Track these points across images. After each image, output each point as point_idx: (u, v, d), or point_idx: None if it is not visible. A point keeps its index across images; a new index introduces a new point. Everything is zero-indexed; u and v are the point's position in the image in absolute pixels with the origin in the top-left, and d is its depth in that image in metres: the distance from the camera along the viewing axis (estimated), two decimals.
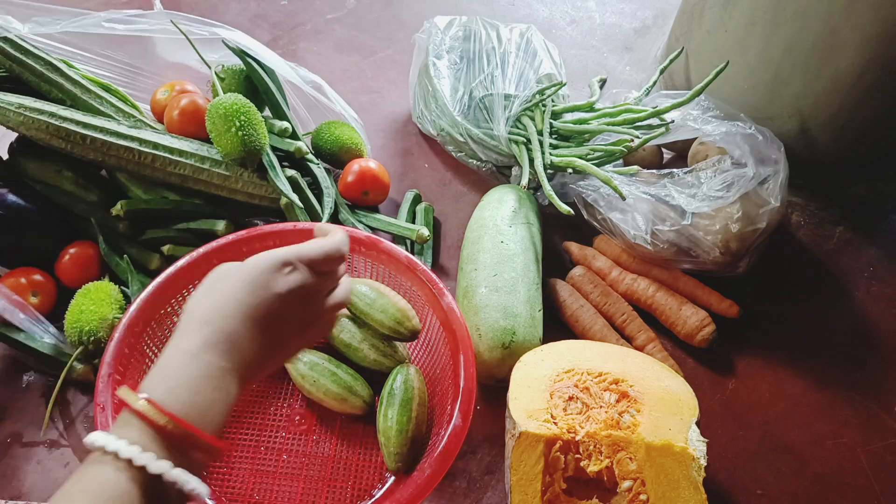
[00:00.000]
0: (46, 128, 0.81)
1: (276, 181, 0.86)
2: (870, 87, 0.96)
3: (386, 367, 0.75)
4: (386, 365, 0.75)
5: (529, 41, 1.07)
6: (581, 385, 0.69)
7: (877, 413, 0.83)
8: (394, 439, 0.68)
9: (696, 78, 1.13)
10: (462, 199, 1.04)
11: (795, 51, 0.96)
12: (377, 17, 1.38)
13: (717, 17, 1.05)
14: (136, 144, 0.84)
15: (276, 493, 0.70)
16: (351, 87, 1.21)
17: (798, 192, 1.07)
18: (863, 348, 0.89)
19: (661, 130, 0.92)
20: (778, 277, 0.96)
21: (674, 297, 0.87)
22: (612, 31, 1.38)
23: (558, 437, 0.65)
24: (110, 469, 0.40)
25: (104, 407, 0.60)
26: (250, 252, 0.76)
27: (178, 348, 0.46)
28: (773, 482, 0.76)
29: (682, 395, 0.68)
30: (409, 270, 0.74)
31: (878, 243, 1.02)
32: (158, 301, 0.70)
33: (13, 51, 0.83)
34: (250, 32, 0.95)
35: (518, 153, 0.96)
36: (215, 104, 0.83)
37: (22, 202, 0.83)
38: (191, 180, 0.86)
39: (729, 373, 0.86)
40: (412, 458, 0.69)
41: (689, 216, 0.83)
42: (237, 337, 0.47)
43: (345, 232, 0.57)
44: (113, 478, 0.39)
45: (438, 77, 1.03)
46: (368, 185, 0.94)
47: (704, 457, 0.64)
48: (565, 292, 0.89)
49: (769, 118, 1.04)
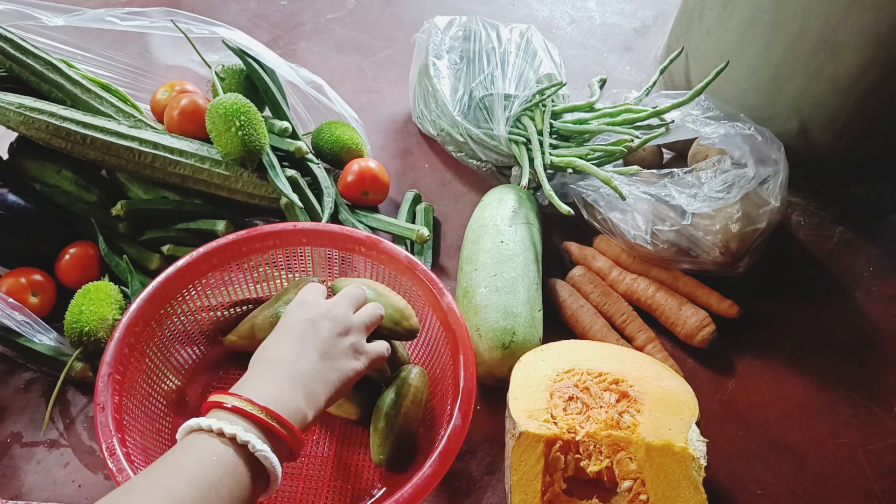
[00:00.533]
0: (47, 127, 0.81)
1: (276, 181, 0.86)
2: (870, 87, 0.96)
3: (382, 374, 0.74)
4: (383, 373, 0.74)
5: (529, 41, 1.07)
6: (581, 385, 0.69)
7: (877, 413, 0.83)
8: (379, 431, 0.68)
9: (696, 78, 1.13)
10: (462, 199, 1.04)
11: (795, 51, 0.96)
12: (377, 17, 1.38)
13: (717, 17, 1.05)
14: (136, 144, 0.84)
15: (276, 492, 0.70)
16: (351, 87, 1.21)
17: (798, 192, 1.07)
18: (863, 348, 0.89)
19: (661, 130, 0.93)
20: (778, 277, 0.96)
21: (674, 297, 0.87)
22: (612, 31, 1.38)
23: (558, 437, 0.65)
24: (215, 441, 0.47)
25: (104, 407, 0.60)
26: (250, 252, 0.77)
27: (245, 377, 0.56)
28: (773, 482, 0.76)
29: (682, 395, 0.68)
30: (409, 270, 0.74)
31: (878, 243, 1.02)
32: (158, 301, 0.70)
33: (13, 51, 0.83)
34: (250, 32, 0.95)
35: (518, 153, 0.96)
36: (215, 104, 0.83)
37: (22, 202, 0.83)
38: (191, 180, 0.86)
39: (729, 373, 0.86)
40: (397, 455, 0.69)
41: (689, 216, 0.83)
42: (283, 357, 0.57)
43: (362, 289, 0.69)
44: (219, 448, 0.46)
45: (438, 77, 1.03)
46: (368, 185, 0.94)
47: (704, 457, 0.64)
48: (565, 292, 0.89)
49: (769, 118, 1.04)
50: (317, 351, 0.58)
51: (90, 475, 0.72)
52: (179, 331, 0.75)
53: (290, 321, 0.61)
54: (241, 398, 0.50)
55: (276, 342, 0.59)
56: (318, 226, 0.79)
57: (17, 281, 0.80)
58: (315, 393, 0.55)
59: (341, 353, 0.60)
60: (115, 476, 0.56)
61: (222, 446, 0.46)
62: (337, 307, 0.63)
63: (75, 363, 0.76)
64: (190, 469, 0.45)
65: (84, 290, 0.79)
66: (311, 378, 0.56)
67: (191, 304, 0.75)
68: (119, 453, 0.58)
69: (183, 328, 0.76)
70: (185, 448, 0.47)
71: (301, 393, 0.54)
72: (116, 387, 0.62)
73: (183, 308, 0.75)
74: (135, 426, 0.64)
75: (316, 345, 0.58)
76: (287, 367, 0.55)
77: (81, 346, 0.75)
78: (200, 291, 0.76)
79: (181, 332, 0.76)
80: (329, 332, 0.60)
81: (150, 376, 0.70)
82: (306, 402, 0.54)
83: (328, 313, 0.62)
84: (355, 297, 0.66)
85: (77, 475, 0.72)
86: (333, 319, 0.61)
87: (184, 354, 0.77)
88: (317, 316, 0.61)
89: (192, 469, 0.45)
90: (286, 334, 0.60)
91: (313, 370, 0.56)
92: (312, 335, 0.59)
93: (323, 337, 0.59)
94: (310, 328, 0.60)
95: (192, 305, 0.76)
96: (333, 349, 0.59)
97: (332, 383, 0.57)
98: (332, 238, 0.78)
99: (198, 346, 0.79)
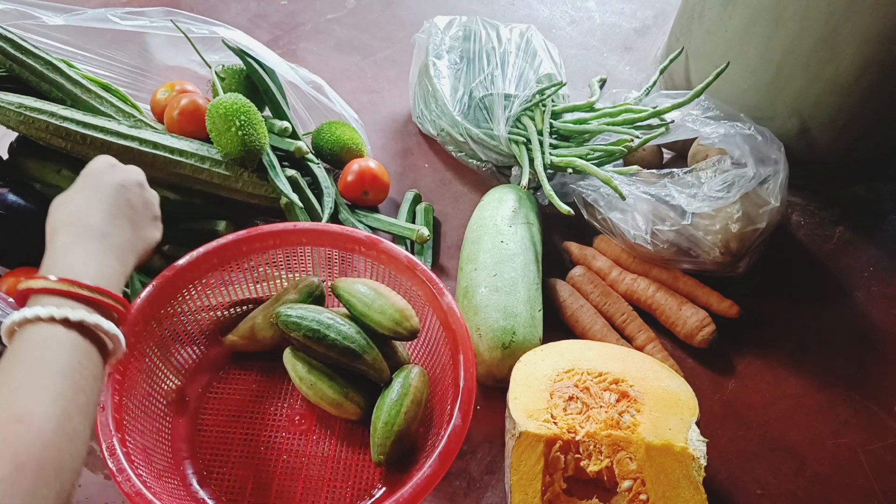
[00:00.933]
0: (47, 127, 0.81)
1: (276, 181, 0.86)
2: (870, 87, 0.96)
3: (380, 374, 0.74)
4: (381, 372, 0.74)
5: (529, 41, 1.07)
6: (581, 385, 0.69)
7: (877, 413, 0.83)
8: (379, 430, 0.68)
9: (696, 78, 1.13)
10: (462, 199, 1.04)
11: (795, 51, 0.96)
12: (377, 17, 1.38)
13: (717, 17, 1.05)
14: (136, 144, 0.84)
15: (276, 492, 0.70)
16: (351, 87, 1.21)
17: (798, 192, 1.07)
18: (863, 348, 0.89)
19: (661, 130, 0.93)
20: (778, 277, 0.96)
21: (674, 297, 0.87)
22: (612, 31, 1.38)
23: (558, 437, 0.65)
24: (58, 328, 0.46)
25: (104, 406, 0.60)
26: (250, 252, 0.77)
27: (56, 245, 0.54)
28: (773, 482, 0.76)
29: (682, 395, 0.68)
30: (408, 270, 0.74)
31: (878, 243, 1.02)
32: (158, 301, 0.70)
33: (13, 50, 0.83)
34: (250, 32, 0.95)
35: (518, 153, 0.96)
36: (216, 104, 0.83)
37: (22, 202, 0.83)
38: (191, 180, 0.86)
39: (729, 373, 0.86)
40: (397, 454, 0.69)
41: (689, 216, 0.83)
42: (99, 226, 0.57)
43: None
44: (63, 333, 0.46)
45: (438, 77, 1.03)
46: (368, 185, 0.94)
47: (704, 457, 0.64)
48: (565, 292, 0.89)
49: (769, 118, 1.04)
50: (128, 220, 0.59)
51: (90, 475, 0.72)
52: (179, 330, 0.75)
53: (100, 182, 0.60)
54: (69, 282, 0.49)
55: (85, 202, 0.58)
56: (318, 226, 0.79)
57: (18, 281, 0.80)
58: (127, 263, 0.57)
59: (148, 222, 0.62)
60: (115, 476, 0.56)
61: (65, 331, 0.47)
62: (138, 174, 0.64)
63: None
64: (48, 360, 0.45)
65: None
66: (124, 249, 0.57)
67: (191, 303, 0.75)
68: (119, 453, 0.58)
69: (183, 328, 0.76)
70: (32, 342, 0.46)
71: (119, 263, 0.56)
72: (116, 386, 0.62)
73: (183, 308, 0.75)
74: (135, 426, 0.64)
75: (127, 212, 0.59)
76: (103, 239, 0.55)
77: None
78: (200, 291, 0.76)
79: (181, 332, 0.76)
80: (139, 199, 0.61)
81: (150, 376, 0.70)
82: (122, 271, 0.56)
83: (136, 179, 0.63)
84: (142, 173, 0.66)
85: None
86: (141, 186, 0.63)
87: (184, 354, 0.77)
88: (127, 181, 0.61)
89: (50, 360, 0.45)
90: (97, 197, 0.58)
91: (125, 240, 0.58)
92: (124, 203, 0.59)
93: (134, 204, 0.60)
94: (121, 193, 0.60)
95: (192, 305, 0.76)
96: (141, 218, 0.61)
97: (139, 253, 0.60)
98: (332, 238, 0.78)
99: (198, 345, 0.79)
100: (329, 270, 0.82)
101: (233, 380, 0.78)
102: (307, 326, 0.71)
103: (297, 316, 0.72)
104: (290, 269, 0.81)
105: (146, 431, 0.66)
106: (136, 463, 0.60)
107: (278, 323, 0.73)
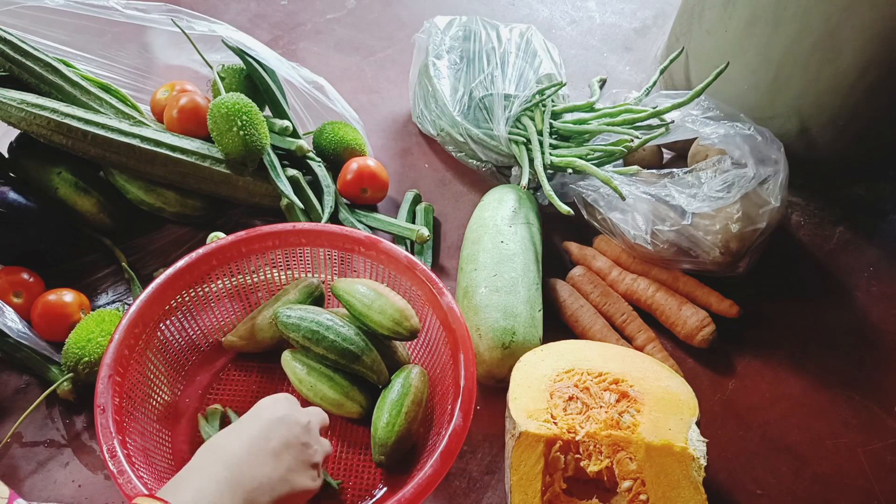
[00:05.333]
0: (48, 123, 0.80)
1: (276, 182, 0.86)
2: (870, 87, 0.96)
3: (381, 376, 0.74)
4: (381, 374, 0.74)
5: (529, 41, 1.07)
6: (581, 385, 0.69)
7: (877, 413, 0.83)
8: (380, 431, 0.68)
9: (696, 78, 1.13)
10: (462, 199, 1.04)
11: (795, 51, 0.96)
12: (377, 17, 1.38)
13: (717, 17, 1.05)
14: (137, 141, 0.84)
15: None
16: (351, 87, 1.21)
17: (798, 192, 1.07)
18: (863, 348, 0.89)
19: (661, 130, 0.92)
20: (778, 277, 0.96)
21: (674, 298, 0.87)
22: (612, 31, 1.38)
23: (558, 437, 0.65)
24: None
25: (104, 409, 0.60)
26: (250, 253, 0.77)
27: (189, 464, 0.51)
28: (773, 482, 0.76)
29: (682, 395, 0.68)
30: (408, 270, 0.74)
31: (878, 243, 1.02)
32: (158, 302, 0.70)
33: (12, 52, 0.83)
34: (250, 32, 0.95)
35: (518, 153, 0.96)
36: (217, 103, 0.83)
37: (22, 200, 0.82)
38: (191, 178, 0.86)
39: (729, 373, 0.86)
40: (397, 454, 0.69)
41: (689, 216, 0.83)
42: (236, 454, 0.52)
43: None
44: None
45: (438, 77, 1.03)
46: (366, 183, 0.94)
47: (704, 457, 0.64)
48: (565, 292, 0.89)
49: (769, 118, 1.04)
50: (274, 456, 0.53)
51: (90, 475, 0.72)
52: (179, 331, 0.75)
53: (259, 413, 0.57)
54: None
55: (235, 427, 0.55)
56: (318, 226, 0.79)
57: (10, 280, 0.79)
58: (256, 501, 0.50)
59: (300, 465, 0.54)
60: (116, 478, 0.56)
61: None
62: (311, 417, 0.59)
63: (64, 384, 0.73)
64: None
65: (98, 315, 0.75)
66: (258, 486, 0.50)
67: (190, 304, 0.75)
68: (120, 455, 0.58)
69: (183, 329, 0.76)
70: None
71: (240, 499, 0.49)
72: (116, 389, 0.62)
73: (183, 309, 0.75)
74: (135, 427, 0.64)
75: (275, 448, 0.53)
76: (234, 467, 0.50)
77: (75, 373, 0.72)
78: (200, 292, 0.76)
79: (181, 333, 0.76)
80: (297, 439, 0.55)
81: (150, 378, 0.70)
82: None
83: (301, 420, 0.57)
84: (324, 420, 0.62)
85: (77, 475, 0.72)
86: (306, 429, 0.57)
87: (184, 355, 0.77)
88: (288, 418, 0.56)
89: None
90: (247, 425, 0.55)
91: (262, 476, 0.51)
92: (276, 437, 0.54)
93: (289, 443, 0.54)
94: (275, 428, 0.54)
95: (191, 306, 0.76)
96: (293, 460, 0.54)
97: (278, 494, 0.51)
98: (331, 238, 0.78)
99: (197, 347, 0.79)
100: (329, 270, 0.82)
101: (232, 380, 0.78)
102: (307, 328, 0.71)
103: (297, 317, 0.72)
104: (289, 269, 0.81)
105: (147, 433, 0.66)
106: (137, 465, 0.59)
107: (277, 324, 0.73)
